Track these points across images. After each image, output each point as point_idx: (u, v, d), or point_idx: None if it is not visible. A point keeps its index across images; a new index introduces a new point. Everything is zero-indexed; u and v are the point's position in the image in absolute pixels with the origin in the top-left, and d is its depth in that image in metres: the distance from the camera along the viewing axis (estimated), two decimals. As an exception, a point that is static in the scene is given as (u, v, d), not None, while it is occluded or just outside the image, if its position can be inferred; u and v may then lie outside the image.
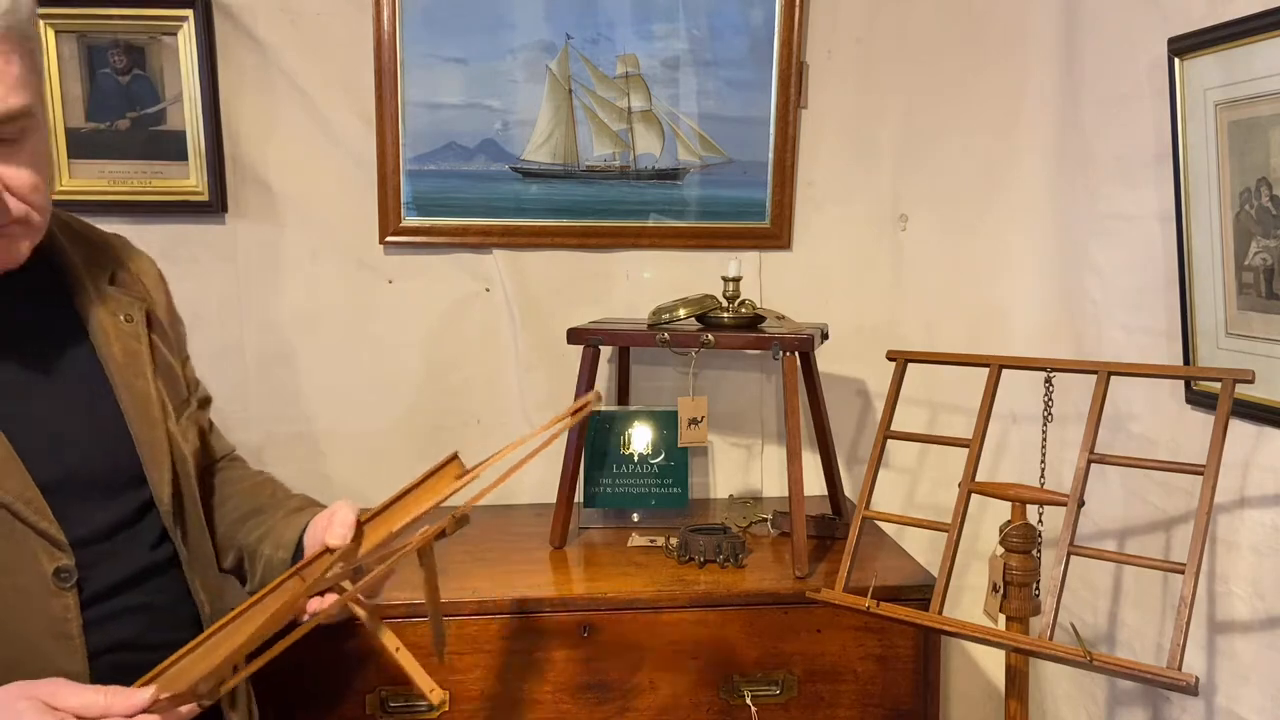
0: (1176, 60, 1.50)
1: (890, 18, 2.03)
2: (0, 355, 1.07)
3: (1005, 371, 1.46)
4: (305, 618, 1.05)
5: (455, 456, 1.04)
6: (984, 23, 2.05)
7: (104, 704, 0.89)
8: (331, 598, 1.05)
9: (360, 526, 1.06)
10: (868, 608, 1.41)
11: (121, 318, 1.17)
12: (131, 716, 0.89)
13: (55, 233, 1.15)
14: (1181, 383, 1.58)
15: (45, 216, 1.05)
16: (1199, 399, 1.54)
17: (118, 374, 1.13)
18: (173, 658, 0.95)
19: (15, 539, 1.01)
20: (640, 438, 1.89)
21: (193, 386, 1.31)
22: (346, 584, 1.04)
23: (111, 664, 1.04)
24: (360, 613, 1.02)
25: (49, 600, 1.02)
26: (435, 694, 0.97)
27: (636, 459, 1.89)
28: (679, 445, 1.84)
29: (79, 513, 1.06)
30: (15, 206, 1.00)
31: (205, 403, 1.37)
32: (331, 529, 1.06)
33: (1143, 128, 1.66)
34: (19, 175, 0.99)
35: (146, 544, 1.12)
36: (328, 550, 1.05)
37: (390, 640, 1.01)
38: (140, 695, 0.89)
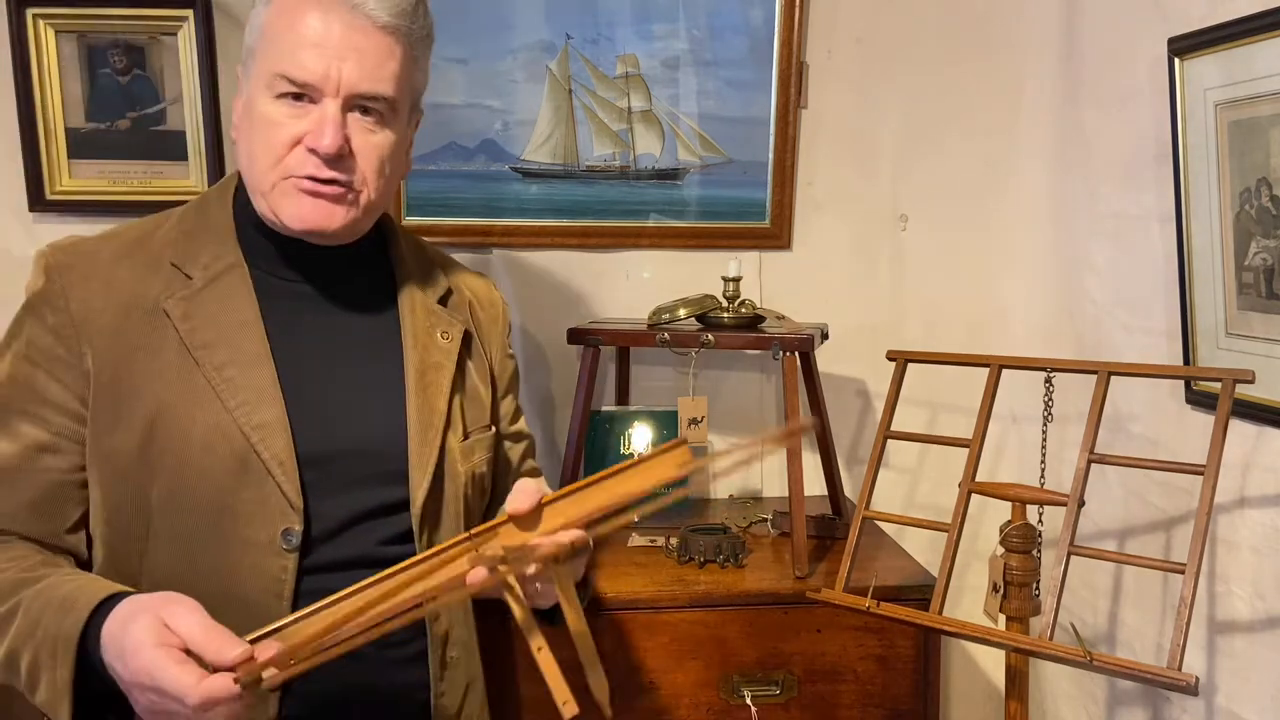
0: (1176, 60, 1.50)
1: (890, 18, 2.04)
2: (310, 334, 1.16)
3: (1005, 371, 1.46)
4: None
5: (684, 442, 0.95)
6: (984, 23, 2.05)
7: (202, 642, 0.89)
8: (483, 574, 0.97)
9: (541, 506, 0.97)
10: (868, 608, 1.42)
11: (439, 334, 1.25)
12: (218, 667, 0.89)
13: (400, 242, 1.29)
14: (1181, 383, 1.58)
15: (378, 200, 1.16)
16: (1199, 399, 1.54)
17: (414, 379, 1.20)
18: (305, 611, 0.92)
19: (263, 493, 1.09)
20: (640, 438, 1.89)
21: (503, 420, 1.35)
22: (513, 579, 0.92)
23: None
24: (514, 606, 0.92)
25: (271, 558, 1.09)
26: (568, 706, 0.90)
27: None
28: (679, 445, 1.84)
29: (326, 490, 1.12)
30: (351, 168, 1.11)
31: (517, 437, 1.40)
32: (512, 497, 1.01)
33: (1143, 128, 1.66)
34: (368, 151, 1.12)
35: (379, 538, 1.15)
36: (508, 518, 0.98)
37: (536, 639, 0.92)
38: (230, 652, 0.88)
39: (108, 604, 0.96)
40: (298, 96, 1.09)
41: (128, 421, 1.08)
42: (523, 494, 0.98)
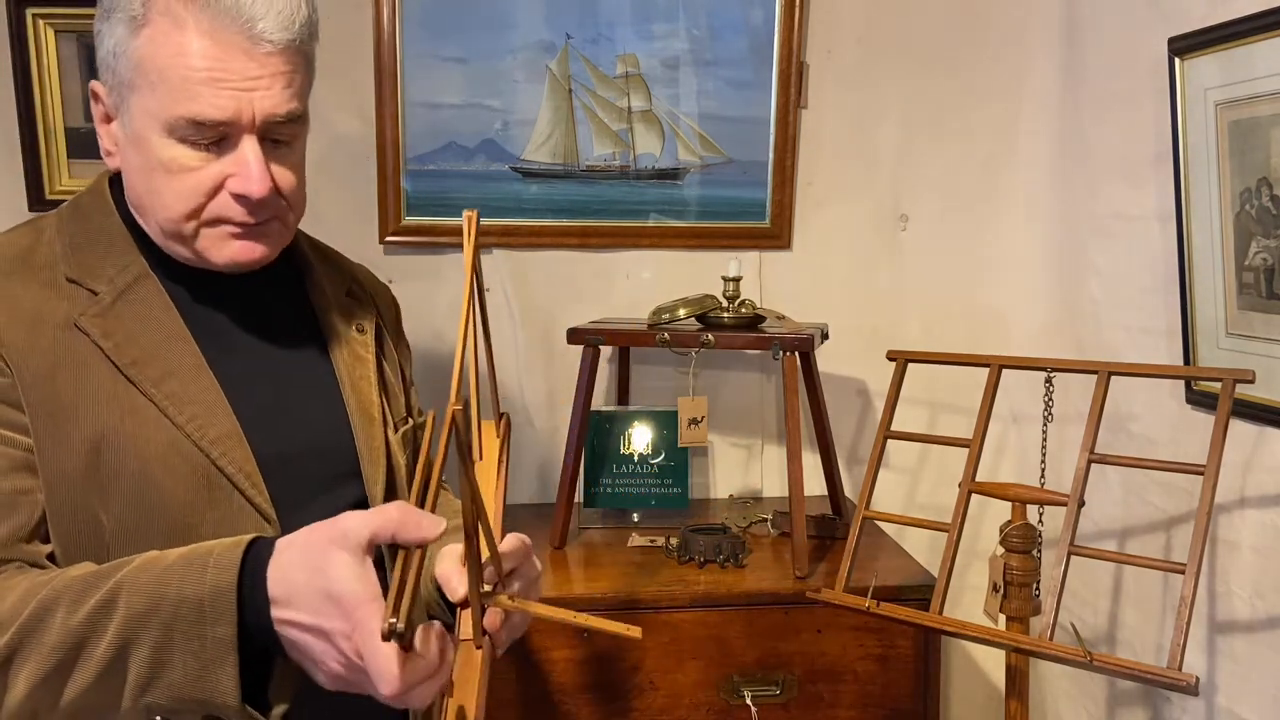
0: (1176, 60, 1.50)
1: (890, 18, 2.04)
2: (236, 340, 1.13)
3: (1005, 371, 1.46)
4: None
5: (448, 412, 0.98)
6: (984, 23, 2.05)
7: (398, 522, 0.84)
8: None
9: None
10: (868, 608, 1.42)
11: (354, 327, 1.23)
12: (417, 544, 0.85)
13: (298, 238, 1.23)
14: (1182, 383, 1.58)
15: (298, 218, 1.14)
16: (1199, 399, 1.54)
17: (345, 374, 1.18)
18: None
19: (232, 509, 1.04)
20: (640, 438, 1.89)
21: (414, 412, 1.33)
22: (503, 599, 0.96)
23: None
24: (535, 610, 0.96)
25: None
26: (633, 630, 0.94)
27: (636, 459, 1.89)
28: (679, 445, 1.84)
29: (291, 499, 1.08)
30: (279, 201, 1.08)
31: (424, 428, 1.37)
32: (452, 592, 1.00)
33: (1143, 128, 1.66)
34: (286, 175, 1.08)
35: None
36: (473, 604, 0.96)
37: (566, 614, 0.95)
38: (430, 528, 0.83)
39: (248, 550, 0.91)
40: (208, 139, 1.02)
41: (67, 444, 1.01)
42: (455, 581, 0.98)
